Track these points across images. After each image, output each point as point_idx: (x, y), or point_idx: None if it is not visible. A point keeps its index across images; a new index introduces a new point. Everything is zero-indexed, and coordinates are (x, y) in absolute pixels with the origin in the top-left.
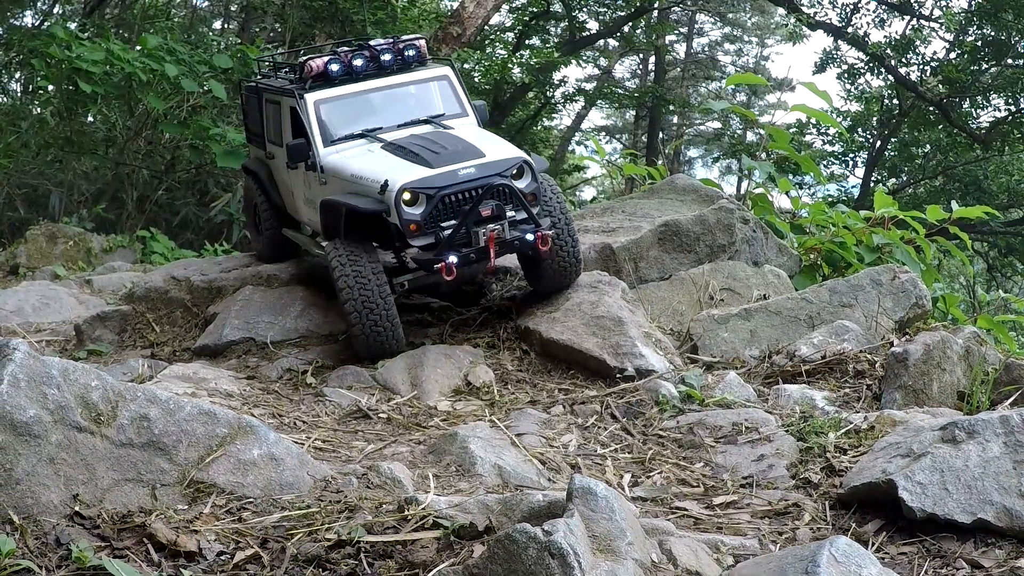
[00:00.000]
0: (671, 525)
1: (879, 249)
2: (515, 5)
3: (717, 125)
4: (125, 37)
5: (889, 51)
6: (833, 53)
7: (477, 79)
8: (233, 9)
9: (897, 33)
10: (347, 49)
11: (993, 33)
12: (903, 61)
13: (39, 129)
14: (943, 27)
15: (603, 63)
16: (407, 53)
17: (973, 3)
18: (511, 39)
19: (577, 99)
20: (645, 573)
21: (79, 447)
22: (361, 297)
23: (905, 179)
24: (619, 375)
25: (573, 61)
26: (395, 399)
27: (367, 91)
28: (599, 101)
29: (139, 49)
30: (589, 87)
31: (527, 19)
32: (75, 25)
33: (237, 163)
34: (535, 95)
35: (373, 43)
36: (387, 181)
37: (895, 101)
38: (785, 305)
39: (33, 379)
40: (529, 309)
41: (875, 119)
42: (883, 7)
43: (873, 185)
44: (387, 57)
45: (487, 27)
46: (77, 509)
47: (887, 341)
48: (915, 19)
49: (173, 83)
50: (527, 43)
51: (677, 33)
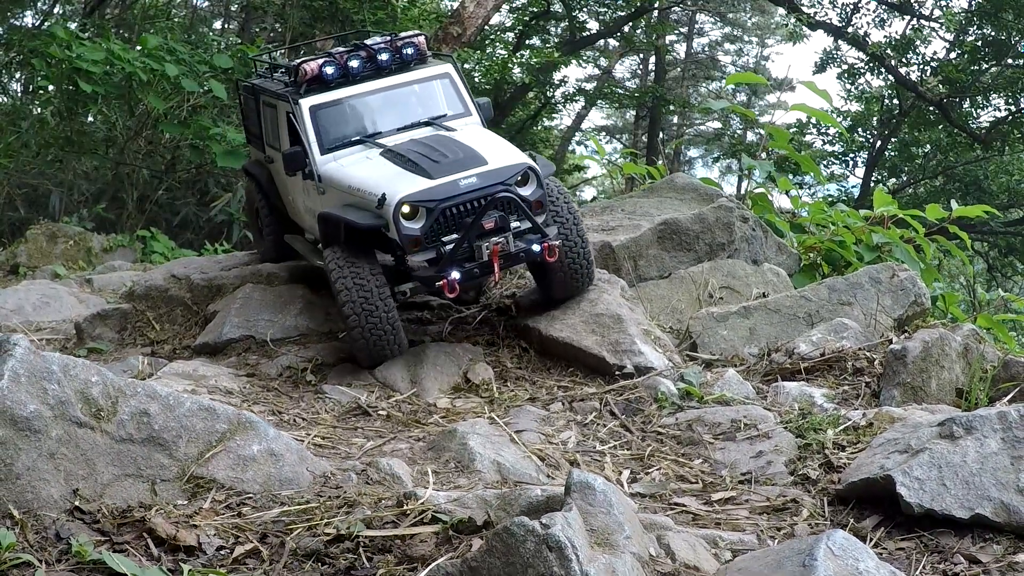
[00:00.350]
0: (670, 520)
1: (879, 248)
2: (515, 5)
3: (717, 125)
4: (125, 37)
5: (889, 51)
6: (833, 53)
7: (477, 79)
8: (233, 9)
9: (897, 33)
10: (342, 50)
11: (993, 33)
12: (903, 61)
13: (39, 129)
14: (943, 27)
15: (603, 63)
16: (405, 51)
17: (973, 3)
18: (511, 39)
19: (577, 99)
20: (643, 567)
21: (79, 442)
22: (361, 300)
23: (905, 179)
24: (618, 372)
25: (573, 61)
26: (394, 396)
27: (364, 94)
28: (599, 101)
29: (139, 49)
30: (589, 87)
31: (527, 19)
32: (75, 25)
33: (237, 163)
34: (535, 95)
35: (369, 42)
36: (384, 195)
37: (895, 101)
38: (784, 303)
39: (33, 374)
40: (528, 307)
41: (875, 119)
42: (883, 7)
43: (873, 185)
44: (384, 57)
45: (487, 27)
46: (77, 504)
47: (886, 339)
48: (915, 19)
49: (173, 83)
50: (527, 43)
51: (677, 33)
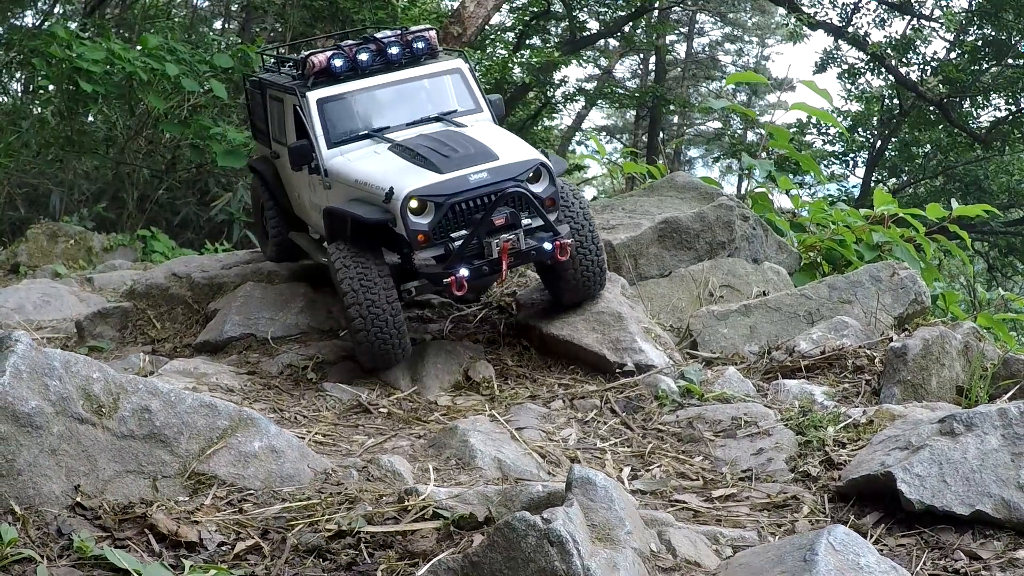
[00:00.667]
0: (670, 517)
1: (879, 247)
2: (515, 5)
3: (717, 125)
4: (126, 37)
5: (889, 51)
6: (833, 53)
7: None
8: (233, 9)
9: (897, 33)
10: (352, 43)
11: (993, 33)
12: (903, 61)
13: (40, 129)
14: (943, 27)
15: (603, 63)
16: (416, 45)
17: (973, 3)
18: (511, 39)
19: (577, 99)
20: (644, 562)
21: (80, 438)
22: (367, 302)
23: (905, 179)
24: (619, 370)
25: (573, 61)
26: (395, 394)
27: (373, 87)
28: (599, 101)
29: (140, 49)
30: (589, 87)
31: (527, 19)
32: (76, 25)
33: (238, 163)
34: (535, 95)
35: (379, 35)
36: (392, 188)
37: (895, 101)
38: (784, 301)
39: (35, 371)
40: (529, 305)
41: (875, 119)
42: (883, 7)
43: (873, 185)
44: (394, 50)
45: (487, 27)
46: (78, 500)
47: (886, 337)
48: (915, 19)
49: (174, 83)
50: (527, 43)
51: (677, 33)
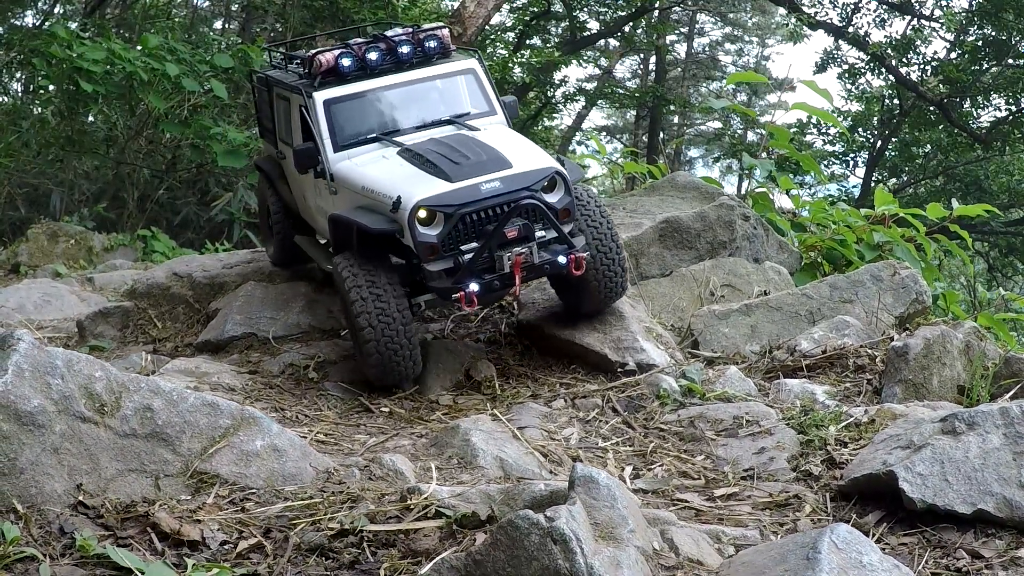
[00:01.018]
0: (673, 516)
1: (880, 247)
2: (516, 5)
3: (718, 125)
4: (126, 37)
5: (890, 51)
6: (834, 53)
7: None
8: (234, 9)
9: (897, 33)
10: (360, 41)
11: (994, 33)
12: (903, 61)
13: (40, 128)
14: (943, 27)
15: (604, 63)
16: (428, 44)
17: (973, 3)
18: (512, 39)
19: (578, 99)
20: (647, 560)
21: (83, 437)
22: (377, 312)
23: (906, 179)
24: (620, 369)
25: (574, 61)
26: (397, 393)
27: (383, 88)
28: (600, 101)
29: (140, 49)
30: (590, 87)
31: (528, 19)
32: (76, 25)
33: (238, 163)
34: (536, 95)
35: (390, 34)
36: (400, 197)
37: (896, 101)
38: (785, 301)
39: (37, 369)
40: (530, 304)
41: (876, 119)
42: (883, 7)
43: (874, 185)
44: (405, 49)
45: (488, 27)
46: (81, 499)
47: (887, 336)
48: (915, 19)
49: (174, 83)
50: (528, 43)
51: (678, 33)
